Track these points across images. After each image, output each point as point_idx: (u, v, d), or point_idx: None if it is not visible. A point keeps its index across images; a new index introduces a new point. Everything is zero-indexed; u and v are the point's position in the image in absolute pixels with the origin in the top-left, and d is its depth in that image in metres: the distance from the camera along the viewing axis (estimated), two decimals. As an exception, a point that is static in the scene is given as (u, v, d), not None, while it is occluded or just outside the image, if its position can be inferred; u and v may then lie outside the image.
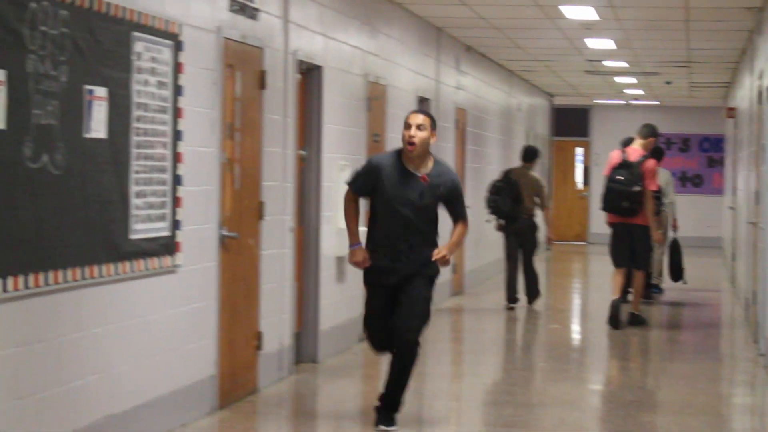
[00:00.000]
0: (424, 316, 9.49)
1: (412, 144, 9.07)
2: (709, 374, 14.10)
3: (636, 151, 17.88)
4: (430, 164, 9.22)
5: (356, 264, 10.02)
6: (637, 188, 17.37)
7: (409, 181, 9.21)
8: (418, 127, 9.30)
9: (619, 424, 11.26)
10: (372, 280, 9.75)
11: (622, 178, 17.58)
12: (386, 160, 9.54)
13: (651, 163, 17.85)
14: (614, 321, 17.59)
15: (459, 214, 9.69)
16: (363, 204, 10.26)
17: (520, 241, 20.50)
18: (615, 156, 18.10)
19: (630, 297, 18.61)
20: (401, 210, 9.25)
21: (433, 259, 9.49)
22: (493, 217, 20.48)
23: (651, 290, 20.51)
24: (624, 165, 17.75)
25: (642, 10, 17.46)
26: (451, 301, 20.46)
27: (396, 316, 9.40)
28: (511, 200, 19.93)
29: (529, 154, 21.72)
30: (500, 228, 20.60)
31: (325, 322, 13.92)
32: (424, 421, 11.25)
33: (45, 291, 8.00)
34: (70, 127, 8.26)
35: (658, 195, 18.28)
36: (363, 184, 9.68)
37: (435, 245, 9.77)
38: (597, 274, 26.02)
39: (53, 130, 8.05)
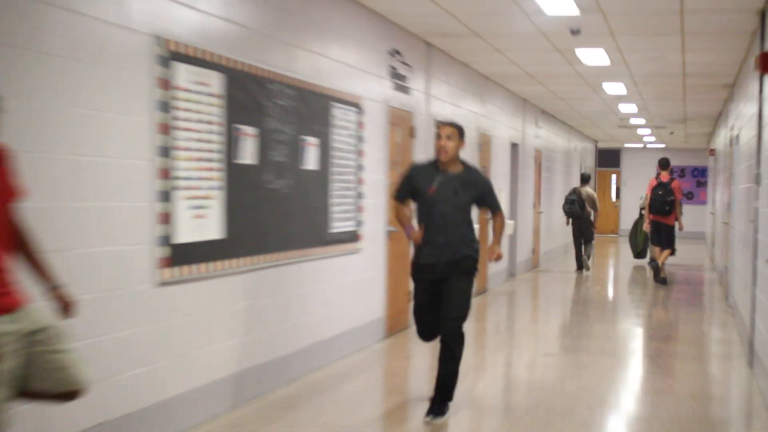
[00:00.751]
0: (463, 309, 7.21)
1: (444, 152, 7.09)
2: (696, 318, 13.96)
3: (665, 176, 18.45)
4: (461, 167, 7.27)
5: (415, 239, 7.48)
6: (671, 198, 18.13)
7: (444, 181, 7.11)
8: (448, 137, 7.22)
9: (637, 348, 11.24)
10: (418, 276, 7.41)
11: (661, 192, 18.29)
12: (423, 166, 7.56)
13: (677, 183, 18.49)
14: (657, 275, 18.62)
15: (494, 206, 7.49)
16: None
17: (582, 231, 21.48)
18: (653, 180, 18.68)
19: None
20: (439, 207, 7.12)
21: (490, 260, 7.59)
22: (566, 217, 21.99)
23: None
24: (660, 185, 18.39)
25: (655, 86, 17.28)
26: (530, 272, 20.38)
27: (441, 310, 7.21)
28: (578, 206, 21.37)
29: (585, 178, 22.73)
30: (569, 223, 21.95)
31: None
32: (514, 347, 11.28)
33: (279, 264, 8.21)
34: (294, 163, 8.44)
35: (680, 202, 18.88)
36: (405, 191, 7.53)
37: (472, 243, 7.45)
38: (624, 255, 25.81)
39: (284, 165, 8.23)
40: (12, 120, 5.12)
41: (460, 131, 7.30)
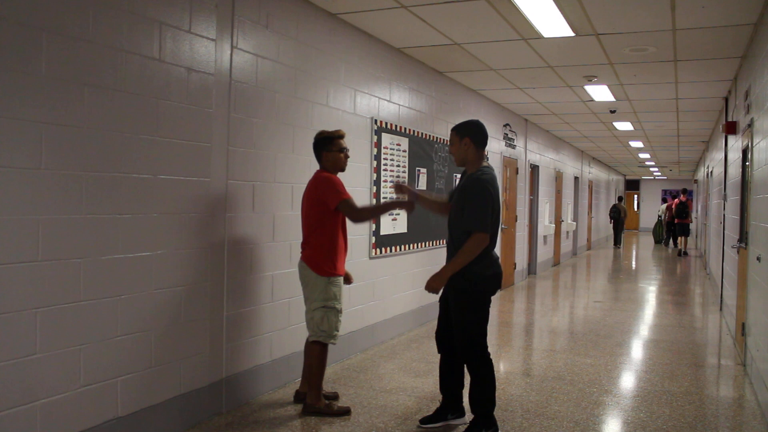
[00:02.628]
0: (463, 333, 4.00)
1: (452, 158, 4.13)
2: (686, 280, 13.33)
3: (684, 197, 19.54)
4: (475, 169, 4.11)
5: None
6: (687, 209, 19.36)
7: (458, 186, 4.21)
8: (451, 143, 4.17)
9: (651, 298, 10.75)
10: None
11: (683, 206, 19.37)
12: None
13: (689, 201, 19.97)
14: (680, 253, 19.40)
15: (467, 223, 3.95)
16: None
17: (617, 227, 22.10)
18: (678, 199, 19.88)
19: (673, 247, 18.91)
20: (450, 213, 4.20)
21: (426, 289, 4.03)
22: (610, 219, 22.89)
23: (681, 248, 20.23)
24: (681, 202, 19.44)
25: (661, 142, 16.65)
26: (586, 251, 19.84)
27: None
28: (617, 213, 22.16)
29: (620, 199, 23.69)
30: (611, 222, 22.82)
31: (540, 258, 13.71)
32: (575, 296, 10.98)
33: (437, 248, 8.15)
34: (448, 189, 8.39)
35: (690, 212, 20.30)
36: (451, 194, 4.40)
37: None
38: (643, 241, 24.91)
39: (442, 190, 8.15)
40: (296, 166, 5.26)
41: (458, 132, 4.16)
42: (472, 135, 4.16)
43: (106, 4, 3.58)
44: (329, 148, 4.64)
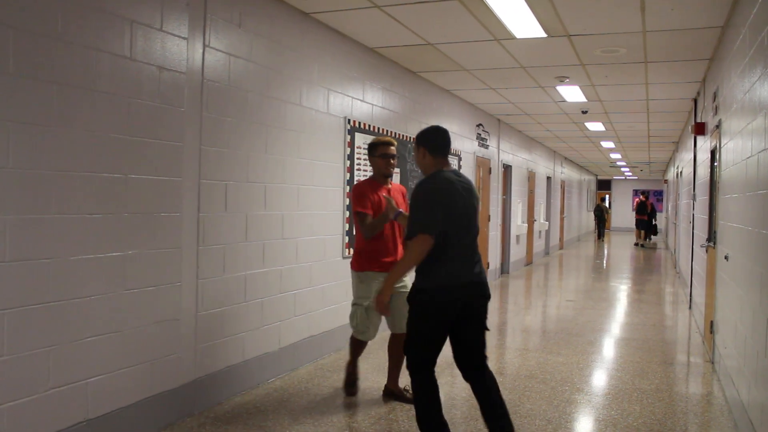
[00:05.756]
0: (407, 344, 3.63)
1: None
2: (656, 279, 13.47)
3: (643, 197, 22.15)
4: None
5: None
6: (645, 208, 22.08)
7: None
8: (415, 155, 3.81)
9: (622, 297, 10.88)
10: None
11: (643, 205, 22.14)
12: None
13: (650, 201, 22.48)
14: (638, 245, 22.21)
15: (407, 228, 3.68)
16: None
17: (600, 225, 24.77)
18: (637, 200, 22.99)
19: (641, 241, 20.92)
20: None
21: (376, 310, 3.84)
22: (595, 217, 26.00)
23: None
24: (642, 201, 22.28)
25: (632, 142, 16.86)
26: (558, 251, 19.99)
27: None
28: (600, 212, 24.96)
29: (602, 199, 26.70)
30: (595, 219, 25.74)
31: (513, 258, 13.78)
32: (547, 296, 11.07)
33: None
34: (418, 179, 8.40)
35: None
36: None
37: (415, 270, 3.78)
38: (618, 238, 25.16)
39: (414, 181, 8.19)
40: (269, 165, 5.24)
41: (417, 142, 3.79)
42: (425, 143, 3.76)
43: (76, 1, 3.53)
44: (373, 153, 4.85)
